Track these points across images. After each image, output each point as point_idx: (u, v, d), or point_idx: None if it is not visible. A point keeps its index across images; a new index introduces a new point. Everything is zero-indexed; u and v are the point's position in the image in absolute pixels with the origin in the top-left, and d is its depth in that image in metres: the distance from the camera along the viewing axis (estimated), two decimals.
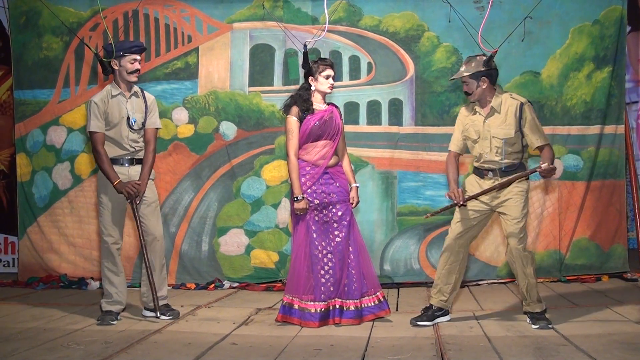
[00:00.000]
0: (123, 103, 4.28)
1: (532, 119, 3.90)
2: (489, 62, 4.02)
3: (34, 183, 6.03)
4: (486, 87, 3.94)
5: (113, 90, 4.27)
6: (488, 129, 3.95)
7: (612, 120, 5.69)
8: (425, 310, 4.15)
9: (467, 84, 3.96)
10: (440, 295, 4.12)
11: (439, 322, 4.09)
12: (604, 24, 5.63)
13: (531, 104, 3.99)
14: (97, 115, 4.19)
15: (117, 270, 4.32)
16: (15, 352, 3.45)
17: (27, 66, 6.05)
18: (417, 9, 5.74)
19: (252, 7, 5.85)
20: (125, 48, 4.23)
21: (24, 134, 6.05)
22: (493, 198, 3.99)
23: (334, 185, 4.23)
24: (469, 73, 3.93)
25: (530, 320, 3.97)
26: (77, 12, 5.97)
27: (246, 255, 5.84)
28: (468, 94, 3.98)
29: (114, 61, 4.23)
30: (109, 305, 4.29)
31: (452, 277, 4.10)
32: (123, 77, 4.26)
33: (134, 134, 4.30)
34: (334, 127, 4.22)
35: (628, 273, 5.64)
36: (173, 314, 4.35)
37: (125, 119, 4.26)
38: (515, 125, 3.90)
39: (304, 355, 3.38)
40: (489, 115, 3.97)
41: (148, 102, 4.39)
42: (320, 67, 4.20)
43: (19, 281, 5.96)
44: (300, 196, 4.11)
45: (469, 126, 4.06)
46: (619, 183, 5.74)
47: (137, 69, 4.26)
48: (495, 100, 3.96)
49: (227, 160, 5.85)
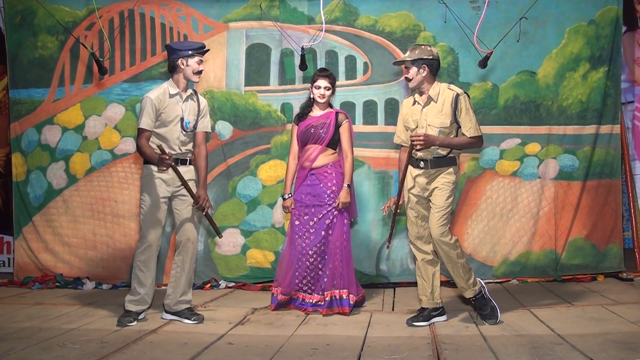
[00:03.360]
0: (179, 103, 4.25)
1: (467, 110, 3.99)
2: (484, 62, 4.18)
3: (29, 182, 6.02)
4: (426, 75, 4.02)
5: (171, 89, 4.23)
6: (425, 117, 4.05)
7: (608, 120, 5.70)
8: (421, 311, 4.17)
9: (408, 70, 4.06)
10: (424, 296, 4.18)
11: (435, 322, 4.10)
12: (600, 24, 5.64)
13: (467, 95, 4.07)
14: (150, 113, 4.13)
15: (149, 271, 4.27)
16: (10, 352, 3.45)
17: (22, 65, 6.03)
18: (413, 9, 5.74)
19: (248, 7, 5.84)
20: (194, 48, 4.21)
21: (19, 133, 6.03)
22: (424, 190, 4.10)
23: (319, 186, 4.58)
24: (411, 59, 4.02)
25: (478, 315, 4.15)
26: (72, 11, 5.95)
27: (242, 255, 5.83)
28: (408, 80, 4.07)
29: (182, 60, 4.19)
30: (132, 305, 4.25)
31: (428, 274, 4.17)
32: (187, 76, 4.23)
33: (185, 136, 4.29)
34: (324, 131, 4.57)
35: (624, 273, 5.65)
36: (198, 318, 4.30)
37: (179, 119, 4.23)
38: (451, 116, 3.99)
39: (300, 354, 3.38)
40: (426, 104, 4.06)
41: (201, 106, 4.39)
42: (314, 77, 4.62)
43: (15, 281, 5.94)
44: (287, 195, 4.67)
45: (408, 116, 4.17)
46: (615, 183, 5.75)
47: (202, 70, 4.27)
48: (433, 90, 4.05)
49: (222, 160, 5.84)
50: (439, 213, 4.02)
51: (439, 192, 4.04)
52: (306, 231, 4.61)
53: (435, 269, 4.18)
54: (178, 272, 4.34)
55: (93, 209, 5.95)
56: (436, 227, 4.01)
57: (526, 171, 5.70)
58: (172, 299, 4.32)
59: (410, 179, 4.16)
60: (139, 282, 4.25)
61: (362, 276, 5.55)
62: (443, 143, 3.96)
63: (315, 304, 4.53)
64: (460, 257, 4.04)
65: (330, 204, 4.57)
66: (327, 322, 4.22)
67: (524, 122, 5.69)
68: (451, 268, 4.07)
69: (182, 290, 4.33)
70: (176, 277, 4.34)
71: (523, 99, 5.68)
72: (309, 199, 4.60)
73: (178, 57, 4.20)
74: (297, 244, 4.61)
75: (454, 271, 4.07)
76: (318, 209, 4.57)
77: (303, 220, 4.61)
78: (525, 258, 5.64)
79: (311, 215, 4.59)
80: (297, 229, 4.63)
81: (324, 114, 4.63)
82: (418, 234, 4.17)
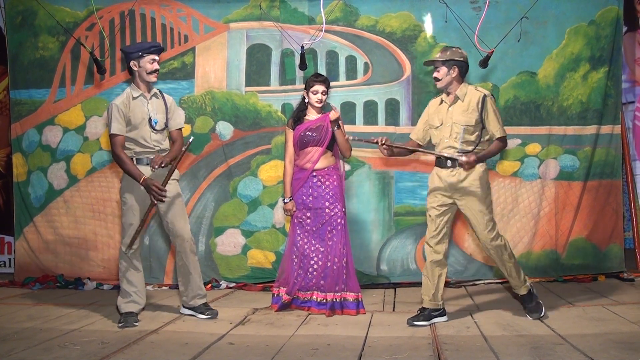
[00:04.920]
0: (144, 104, 4.27)
1: (494, 111, 4.08)
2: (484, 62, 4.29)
3: (29, 183, 6.03)
4: (455, 76, 4.11)
5: (133, 92, 4.26)
6: (451, 116, 4.13)
7: (609, 120, 5.70)
8: (422, 311, 4.17)
9: (438, 70, 4.13)
10: (426, 296, 4.20)
11: (436, 322, 4.10)
12: (600, 24, 5.64)
13: (493, 97, 4.15)
14: (118, 118, 4.16)
15: (136, 270, 4.31)
16: (11, 352, 3.45)
17: (23, 66, 6.04)
18: (413, 9, 5.74)
19: (249, 7, 5.84)
20: (144, 49, 4.23)
21: (19, 133, 6.04)
22: (454, 191, 4.11)
23: (322, 188, 4.60)
24: (442, 59, 4.11)
25: (525, 310, 4.20)
26: (73, 12, 5.96)
27: (243, 255, 5.83)
28: (437, 80, 4.15)
29: (133, 62, 4.22)
30: (128, 306, 4.27)
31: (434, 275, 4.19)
32: (143, 78, 4.25)
33: (156, 135, 4.30)
34: (323, 134, 4.58)
35: (624, 273, 5.65)
36: (212, 313, 4.37)
37: (147, 120, 4.25)
38: (477, 115, 4.06)
39: (300, 354, 3.38)
40: (453, 103, 4.15)
41: (168, 103, 4.41)
42: (310, 83, 4.63)
43: (16, 281, 5.94)
44: (287, 199, 4.66)
45: (434, 115, 4.25)
46: (616, 183, 5.75)
47: (156, 69, 4.26)
48: (460, 90, 4.14)
49: (223, 160, 5.84)
50: (483, 218, 4.06)
51: (474, 196, 4.06)
52: (308, 232, 4.61)
53: (442, 270, 4.19)
54: (184, 272, 4.39)
55: (94, 210, 5.95)
56: (485, 233, 4.06)
57: (527, 171, 5.70)
58: (187, 295, 4.42)
59: (437, 178, 4.18)
60: (127, 282, 4.30)
61: (363, 276, 5.55)
62: (485, 157, 4.06)
63: (320, 303, 4.52)
64: (512, 257, 4.13)
65: (332, 205, 4.57)
66: (328, 322, 4.22)
67: (524, 123, 5.68)
68: (504, 269, 4.15)
69: (197, 287, 4.41)
70: (184, 276, 4.40)
71: (523, 99, 5.68)
72: (311, 201, 4.60)
73: (130, 60, 4.24)
74: (299, 245, 4.61)
75: (507, 272, 4.15)
76: (320, 210, 4.58)
77: (305, 222, 4.62)
78: (526, 258, 5.64)
79: (313, 216, 4.60)
80: (299, 230, 4.63)
81: (320, 117, 4.65)
82: (435, 232, 4.17)
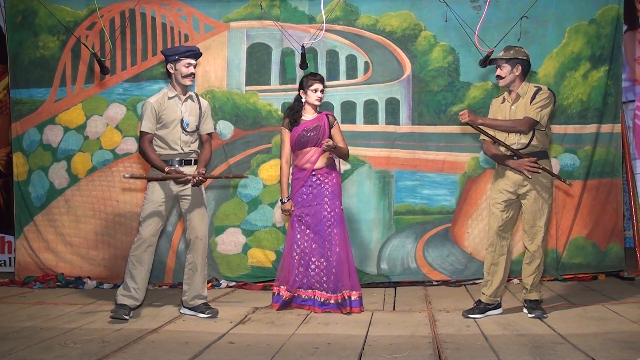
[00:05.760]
0: (178, 105, 4.35)
1: (540, 99, 4.10)
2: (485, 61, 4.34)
3: (30, 182, 6.03)
4: (518, 74, 4.17)
5: (169, 93, 4.36)
6: (514, 113, 4.18)
7: (609, 119, 5.70)
8: (478, 304, 4.28)
9: (501, 68, 4.19)
10: (489, 290, 4.27)
11: (490, 315, 4.21)
12: (600, 23, 5.64)
13: (551, 91, 4.19)
14: (150, 116, 4.27)
15: (141, 267, 4.35)
16: (12, 351, 3.45)
17: (23, 65, 6.05)
18: (413, 8, 5.74)
19: (249, 6, 5.85)
20: (180, 52, 4.31)
21: (20, 133, 6.04)
22: (518, 186, 4.19)
23: (321, 187, 4.59)
24: (506, 57, 4.16)
25: (526, 309, 4.21)
26: (73, 11, 5.96)
27: (243, 254, 5.84)
28: (500, 78, 4.20)
29: (170, 65, 4.32)
30: (124, 299, 4.32)
31: (506, 269, 4.28)
32: (178, 81, 4.34)
33: (186, 136, 4.37)
34: (320, 134, 4.58)
35: (624, 272, 5.65)
36: (212, 312, 4.40)
37: (179, 121, 4.33)
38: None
39: (301, 353, 3.38)
40: (515, 101, 4.21)
41: (202, 107, 4.48)
42: (310, 82, 4.59)
43: (16, 280, 5.95)
44: (285, 199, 4.65)
45: (497, 114, 4.31)
46: (616, 182, 5.75)
47: (191, 73, 4.34)
48: (522, 89, 4.21)
49: (224, 159, 5.84)
50: (541, 234, 4.16)
51: (536, 206, 4.15)
52: (307, 231, 4.61)
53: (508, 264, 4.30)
54: (191, 270, 4.46)
55: (95, 209, 5.96)
56: (538, 245, 4.16)
57: None
58: (188, 295, 4.45)
59: (503, 174, 4.25)
60: (130, 277, 4.34)
61: (363, 275, 5.56)
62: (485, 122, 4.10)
63: (323, 304, 4.52)
64: (543, 263, 4.23)
65: (331, 202, 4.57)
66: (328, 321, 4.22)
67: None
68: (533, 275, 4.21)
69: (199, 287, 4.45)
70: (190, 275, 4.46)
71: None
72: (310, 200, 4.60)
73: (167, 63, 4.35)
74: (299, 243, 4.62)
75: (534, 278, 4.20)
76: (319, 208, 4.57)
77: (304, 221, 4.61)
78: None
79: (312, 215, 4.59)
80: (298, 228, 4.64)
81: (316, 117, 4.64)
82: (500, 227, 4.24)
